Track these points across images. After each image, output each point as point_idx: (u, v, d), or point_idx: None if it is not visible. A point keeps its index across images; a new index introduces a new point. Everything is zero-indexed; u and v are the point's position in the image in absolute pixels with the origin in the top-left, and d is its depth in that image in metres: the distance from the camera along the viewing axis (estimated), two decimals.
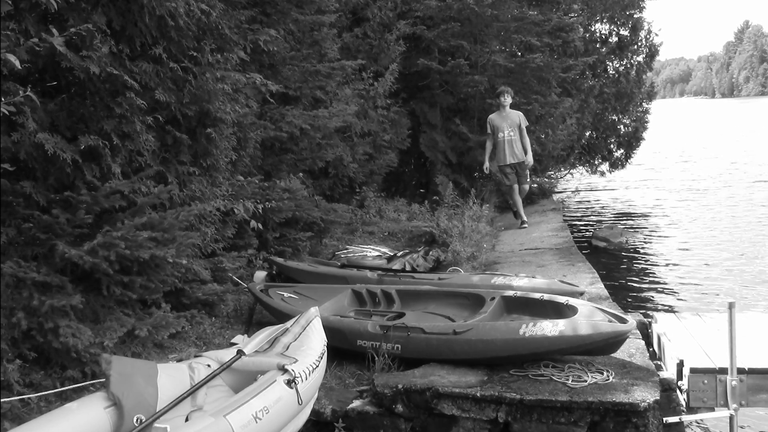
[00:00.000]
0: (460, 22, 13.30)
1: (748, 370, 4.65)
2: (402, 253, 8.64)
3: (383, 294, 6.36)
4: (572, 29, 15.72)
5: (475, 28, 13.69)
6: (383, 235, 10.84)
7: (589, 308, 5.26)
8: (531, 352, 4.98)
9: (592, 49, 17.85)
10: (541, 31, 14.19)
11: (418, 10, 13.21)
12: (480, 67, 13.66)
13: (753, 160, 26.72)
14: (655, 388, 4.63)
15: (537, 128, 14.70)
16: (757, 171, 23.53)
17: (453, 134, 13.87)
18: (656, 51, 19.73)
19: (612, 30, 19.39)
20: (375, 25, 12.33)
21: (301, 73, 8.73)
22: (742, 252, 12.09)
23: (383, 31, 12.40)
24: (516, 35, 14.06)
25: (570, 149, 16.76)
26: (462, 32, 13.41)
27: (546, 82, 14.44)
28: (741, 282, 10.19)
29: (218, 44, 6.06)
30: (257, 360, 4.19)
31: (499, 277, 6.82)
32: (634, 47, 19.33)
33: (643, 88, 19.85)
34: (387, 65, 12.02)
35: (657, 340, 5.73)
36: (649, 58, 19.68)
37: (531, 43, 13.91)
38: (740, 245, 12.69)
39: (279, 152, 8.53)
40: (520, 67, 13.79)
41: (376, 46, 12.23)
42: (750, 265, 11.11)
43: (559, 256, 9.32)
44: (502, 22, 13.76)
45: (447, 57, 13.65)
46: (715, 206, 17.37)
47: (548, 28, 14.40)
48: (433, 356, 5.25)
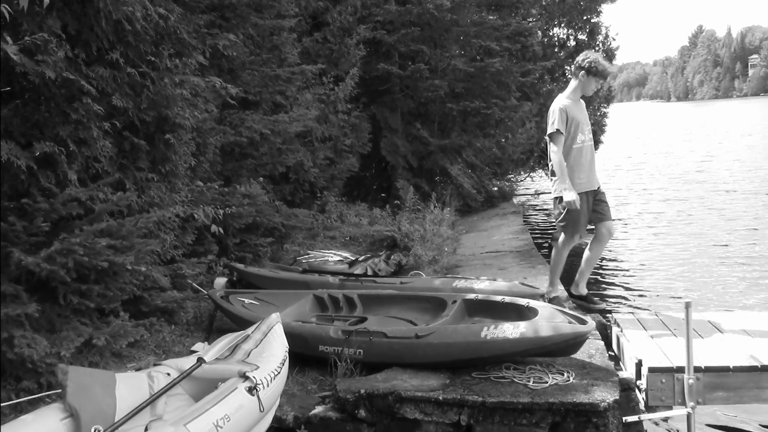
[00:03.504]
0: (420, 26, 13.38)
1: (704, 368, 4.74)
2: (363, 258, 8.64)
3: (345, 299, 6.35)
4: (531, 34, 15.94)
5: (434, 32, 13.78)
6: (345, 240, 10.83)
7: (550, 310, 5.32)
8: (493, 354, 5.03)
9: (550, 54, 18.11)
10: (500, 35, 14.34)
11: (378, 14, 13.25)
12: (440, 72, 13.75)
13: (711, 166, 27.27)
14: (614, 388, 4.70)
15: (497, 132, 14.84)
16: (714, 175, 24.00)
17: (414, 138, 13.93)
18: (613, 55, 20.08)
19: (570, 34, 19.71)
20: (335, 30, 12.33)
21: (260, 77, 8.69)
22: (698, 253, 12.31)
23: (343, 36, 12.41)
24: (475, 40, 14.19)
25: (530, 153, 16.94)
26: (422, 37, 13.49)
27: (505, 87, 14.59)
28: (697, 282, 10.38)
29: (177, 49, 6.00)
30: (218, 367, 4.15)
31: (461, 280, 6.86)
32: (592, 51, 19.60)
33: (601, 92, 20.12)
34: (347, 70, 12.02)
35: (616, 341, 5.81)
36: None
37: (490, 48, 14.05)
38: (697, 246, 12.93)
39: (239, 157, 8.47)
40: (480, 72, 13.92)
41: (336, 50, 12.23)
42: (706, 266, 11.32)
43: (519, 258, 9.40)
44: (462, 26, 13.88)
45: (407, 61, 13.71)
46: (672, 208, 17.67)
47: (507, 33, 14.57)
48: (395, 360, 5.25)
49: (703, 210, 16.60)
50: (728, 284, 10.06)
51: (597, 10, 19.34)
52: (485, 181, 15.08)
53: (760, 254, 11.65)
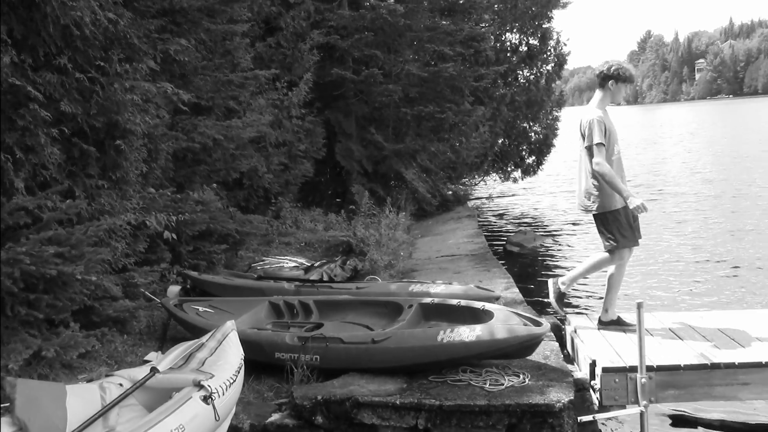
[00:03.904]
0: (374, 31, 13.42)
1: (656, 367, 4.83)
2: (319, 264, 8.60)
3: (301, 305, 6.32)
4: (484, 39, 16.09)
5: (388, 37, 13.82)
6: (300, 246, 10.78)
7: (505, 312, 5.37)
8: (449, 357, 5.05)
9: (503, 58, 18.28)
10: (453, 40, 14.45)
11: (332, 19, 13.24)
12: (394, 77, 13.79)
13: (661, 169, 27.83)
14: (569, 389, 4.76)
15: (451, 136, 14.94)
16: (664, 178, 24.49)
17: (368, 143, 13.94)
18: (564, 60, 20.36)
19: (522, 39, 19.92)
20: (288, 35, 12.28)
21: (213, 82, 8.61)
22: (649, 255, 12.53)
23: (297, 41, 12.37)
24: (429, 45, 14.27)
25: (483, 157, 17.09)
26: (376, 42, 13.52)
27: (459, 91, 14.69)
28: (649, 284, 10.55)
29: (127, 54, 5.92)
30: (172, 377, 4.09)
31: (417, 284, 6.88)
32: (544, 56, 19.90)
33: (553, 96, 20.43)
34: (301, 75, 11.98)
35: (570, 342, 5.88)
36: (557, 66, 20.28)
37: (444, 53, 14.14)
38: (648, 249, 13.15)
39: (192, 163, 8.38)
40: (434, 76, 14.00)
41: (289, 55, 12.19)
42: (657, 266, 11.52)
43: (474, 262, 9.46)
44: (415, 31, 13.95)
45: (361, 66, 13.71)
46: None
47: (460, 38, 14.68)
48: (352, 366, 5.24)
49: (653, 213, 16.90)
50: (678, 286, 10.25)
51: (548, 16, 19.60)
52: (440, 185, 15.15)
53: (708, 257, 11.90)
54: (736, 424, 5.67)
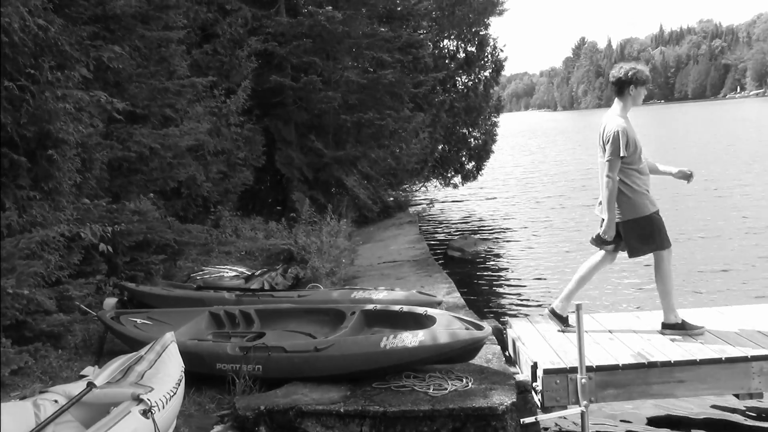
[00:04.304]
0: (312, 38, 13.38)
1: (596, 367, 4.92)
2: (260, 272, 8.53)
3: (242, 314, 6.26)
4: (422, 45, 16.20)
5: (327, 44, 13.81)
6: (240, 255, 10.66)
7: (447, 317, 5.41)
8: (393, 364, 5.06)
9: (441, 65, 18.45)
10: (392, 47, 14.51)
11: (270, 26, 13.16)
12: (333, 83, 13.77)
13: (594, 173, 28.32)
14: (511, 391, 4.82)
15: (391, 143, 14.98)
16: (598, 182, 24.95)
17: (309, 150, 13.89)
18: (502, 66, 20.65)
19: (460, 46, 20.15)
20: (225, 42, 12.16)
21: (149, 90, 8.46)
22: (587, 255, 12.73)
23: (234, 48, 12.25)
24: (368, 51, 14.30)
25: (423, 163, 17.18)
26: (314, 48, 13.48)
27: (398, 98, 14.76)
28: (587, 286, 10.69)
29: (58, 61, 5.78)
30: (109, 391, 3.99)
31: (359, 291, 6.88)
32: (481, 63, 20.15)
33: (491, 101, 20.69)
34: (239, 82, 11.87)
35: (512, 345, 5.94)
36: (495, 73, 20.56)
37: (383, 59, 14.19)
38: (584, 249, 13.41)
39: (127, 173, 8.21)
40: (373, 83, 14.03)
41: (227, 62, 12.06)
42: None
43: (416, 267, 9.50)
44: (354, 38, 13.97)
45: (300, 73, 13.66)
46: (560, 213, 18.29)
47: (399, 45, 14.75)
48: (295, 375, 5.22)
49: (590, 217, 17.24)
50: (616, 288, 10.47)
51: (485, 23, 19.87)
52: (381, 192, 15.19)
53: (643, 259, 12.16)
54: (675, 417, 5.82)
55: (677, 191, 19.69)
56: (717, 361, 5.00)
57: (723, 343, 5.30)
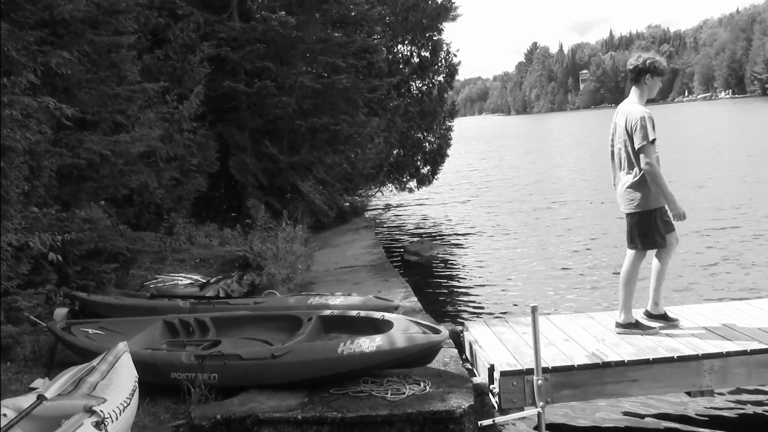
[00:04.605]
0: (266, 43, 13.30)
1: (551, 369, 4.97)
2: (215, 280, 8.45)
3: (197, 323, 6.18)
4: (376, 51, 16.21)
5: (280, 49, 13.74)
6: (195, 262, 10.54)
7: (404, 322, 5.42)
8: (350, 369, 5.06)
9: (395, 70, 18.47)
10: (346, 52, 14.49)
11: (222, 31, 13.04)
12: (287, 89, 13.70)
13: (550, 176, 28.79)
14: (469, 394, 4.85)
15: (346, 148, 14.97)
16: (553, 186, 25.32)
17: (263, 156, 13.79)
18: (455, 71, 20.76)
19: (414, 51, 20.19)
20: (177, 47, 12.02)
21: (99, 96, 8.32)
22: (542, 261, 12.91)
23: (186, 53, 12.12)
24: (322, 56, 14.26)
25: (379, 167, 17.19)
26: (268, 54, 13.41)
27: (353, 103, 14.75)
28: (542, 289, 10.87)
29: (5, 67, 5.65)
30: (60, 404, 3.90)
31: (316, 297, 6.86)
32: (435, 67, 20.23)
33: (445, 106, 20.77)
34: (192, 87, 11.73)
35: (469, 348, 5.97)
36: (449, 77, 20.65)
37: (337, 65, 14.16)
38: (540, 252, 13.56)
39: (78, 180, 8.07)
40: (327, 88, 13.99)
41: (179, 68, 11.93)
42: (550, 274, 11.88)
43: (373, 272, 9.50)
44: (308, 43, 13.92)
45: (254, 79, 13.56)
46: (515, 217, 18.46)
47: (353, 50, 14.74)
48: (252, 382, 5.17)
49: (546, 221, 17.45)
50: (570, 289, 10.60)
51: (438, 28, 19.93)
52: (336, 197, 15.15)
53: (596, 262, 12.37)
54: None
55: None
56: (669, 360, 5.10)
57: (676, 342, 5.40)
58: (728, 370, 5.14)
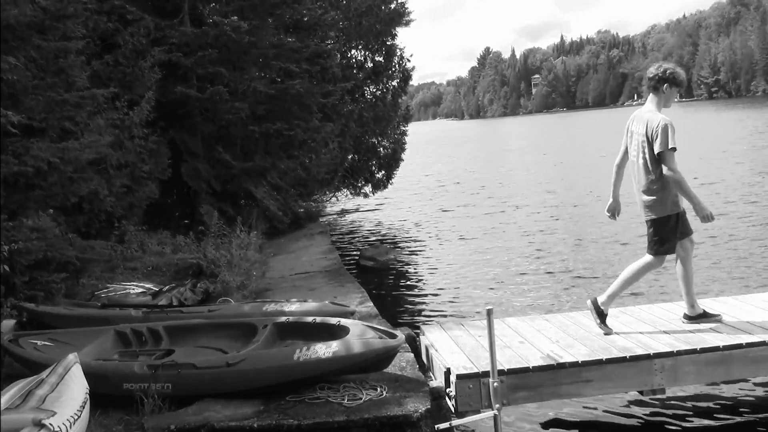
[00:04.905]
0: (218, 48, 13.19)
1: (507, 371, 5.01)
2: (168, 288, 8.34)
3: (150, 332, 6.09)
4: (330, 56, 16.20)
5: (233, 54, 13.63)
6: (147, 271, 10.38)
7: (360, 327, 5.42)
8: (307, 376, 5.04)
9: (349, 75, 18.48)
10: (299, 57, 14.46)
11: (173, 36, 12.88)
12: (240, 94, 13.60)
13: (505, 181, 29.07)
14: (425, 398, 4.87)
15: (301, 153, 14.92)
16: (509, 190, 25.57)
17: (216, 162, 13.66)
18: (409, 76, 20.88)
19: (367, 56, 20.25)
20: (127, 52, 11.83)
21: (46, 102, 8.14)
22: (497, 261, 13.02)
23: (136, 58, 11.93)
24: (275, 62, 14.20)
25: (334, 172, 17.18)
26: (220, 59, 13.29)
27: (307, 108, 14.70)
28: (498, 292, 10.95)
29: None
30: (8, 418, 3.80)
31: (271, 303, 6.83)
32: (389, 72, 20.31)
33: (399, 111, 20.88)
34: (142, 93, 11.55)
35: (425, 352, 5.99)
36: (403, 82, 20.76)
37: (290, 70, 14.12)
38: (495, 255, 13.67)
39: (25, 188, 7.88)
40: (281, 93, 13.94)
41: (129, 73, 11.73)
42: (505, 274, 11.98)
43: (329, 278, 9.48)
44: (261, 48, 13.84)
45: (206, 84, 13.43)
46: (470, 221, 18.58)
47: (306, 55, 14.71)
48: (207, 391, 5.11)
49: (501, 225, 17.59)
50: (526, 292, 10.70)
51: (392, 33, 20.02)
52: (291, 203, 15.09)
53: (551, 264, 12.51)
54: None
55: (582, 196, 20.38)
56: (622, 360, 5.18)
57: (628, 342, 5.49)
58: (679, 369, 5.24)
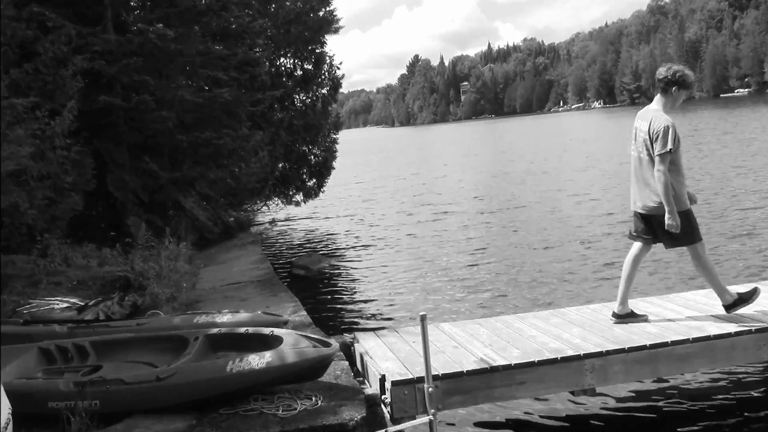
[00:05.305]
0: (143, 56, 12.91)
1: (441, 376, 5.03)
2: (94, 302, 8.09)
3: (75, 348, 5.90)
4: (258, 63, 16.06)
5: (159, 62, 13.37)
6: (72, 285, 10.05)
7: (294, 336, 5.37)
8: (240, 387, 4.96)
9: (279, 83, 18.38)
10: (227, 65, 14.28)
11: (96, 44, 12.54)
12: (167, 103, 13.33)
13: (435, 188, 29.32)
14: (361, 406, 4.85)
15: (230, 162, 14.73)
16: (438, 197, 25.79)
17: (143, 172, 13.36)
18: (339, 83, 20.86)
19: (297, 64, 20.19)
20: (48, 60, 11.46)
21: None
22: (430, 268, 13.10)
23: (58, 67, 11.57)
24: (202, 70, 13.99)
25: (264, 181, 17.02)
26: (146, 67, 13.01)
27: (236, 116, 14.53)
28: (431, 295, 11.02)
29: None
30: None
31: (202, 315, 6.70)
32: (319, 80, 20.27)
33: (330, 119, 20.83)
34: (64, 103, 11.20)
35: (360, 359, 5.96)
36: (333, 90, 20.74)
37: (218, 78, 13.93)
38: (428, 261, 13.75)
39: None
40: (209, 102, 13.73)
41: (50, 82, 11.36)
42: (438, 280, 12.06)
43: (261, 288, 9.38)
44: (188, 56, 13.61)
45: (131, 93, 13.13)
46: (402, 228, 18.66)
47: (235, 63, 14.54)
48: (137, 407, 4.98)
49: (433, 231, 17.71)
50: (459, 297, 10.79)
51: (321, 41, 19.98)
52: (221, 213, 14.88)
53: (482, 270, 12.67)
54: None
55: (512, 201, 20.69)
56: (553, 362, 5.26)
57: (559, 343, 5.58)
58: (608, 369, 5.35)
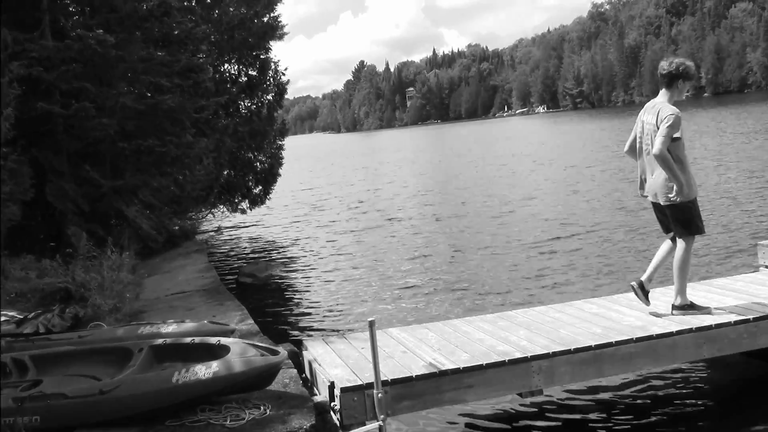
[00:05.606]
0: (83, 63, 12.66)
1: (391, 381, 5.02)
2: (34, 315, 7.86)
3: (14, 362, 5.71)
4: (202, 70, 15.85)
5: (99, 69, 13.11)
6: (10, 298, 9.77)
7: (241, 345, 5.31)
8: (187, 398, 4.87)
9: (223, 89, 18.19)
10: (170, 71, 14.07)
11: (34, 50, 12.24)
12: (108, 110, 13.07)
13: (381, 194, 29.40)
14: (310, 414, 4.82)
15: (174, 170, 14.52)
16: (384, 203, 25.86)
17: (84, 181, 13.07)
18: (284, 89, 20.72)
19: (241, 70, 20.01)
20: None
21: None
22: (378, 274, 13.10)
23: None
24: (144, 76, 13.77)
25: (209, 189, 16.82)
26: (85, 74, 12.75)
27: (180, 123, 14.32)
28: (380, 301, 11.02)
29: None
30: None
31: (147, 326, 6.58)
32: (264, 86, 20.12)
33: (275, 125, 20.68)
34: (0, 110, 10.92)
35: (308, 367, 5.93)
36: (278, 96, 20.59)
37: (161, 84, 13.73)
38: (376, 267, 13.76)
39: None
40: (152, 109, 13.53)
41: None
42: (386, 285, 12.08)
43: (207, 297, 9.26)
44: (129, 63, 13.39)
45: (71, 100, 12.85)
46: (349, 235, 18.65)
47: (178, 69, 14.34)
48: (80, 421, 4.85)
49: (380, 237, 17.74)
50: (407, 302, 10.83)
51: (266, 47, 19.84)
52: (165, 221, 14.64)
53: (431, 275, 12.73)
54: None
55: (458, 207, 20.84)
56: (501, 364, 5.31)
57: (507, 346, 5.62)
58: (555, 370, 5.42)
